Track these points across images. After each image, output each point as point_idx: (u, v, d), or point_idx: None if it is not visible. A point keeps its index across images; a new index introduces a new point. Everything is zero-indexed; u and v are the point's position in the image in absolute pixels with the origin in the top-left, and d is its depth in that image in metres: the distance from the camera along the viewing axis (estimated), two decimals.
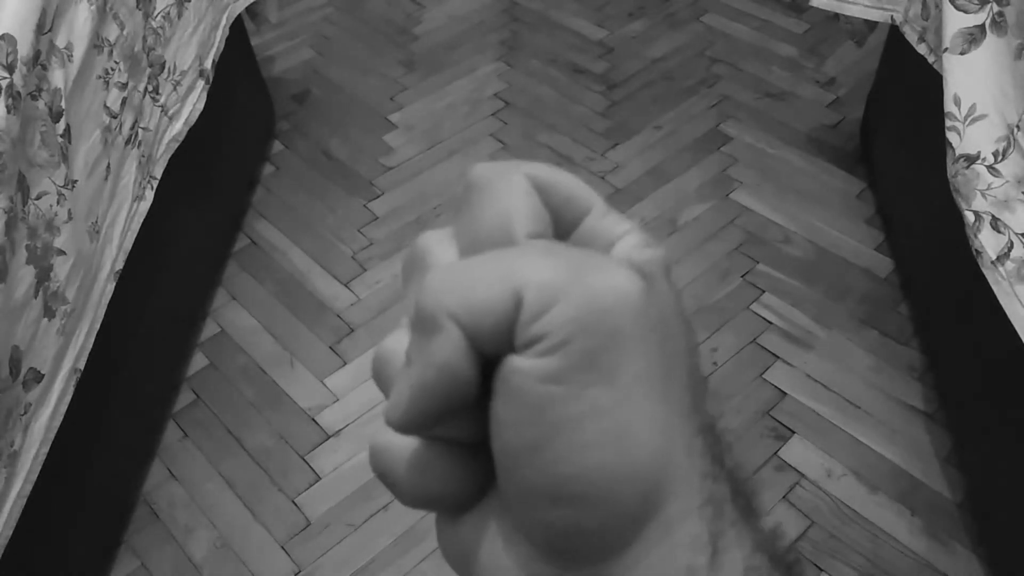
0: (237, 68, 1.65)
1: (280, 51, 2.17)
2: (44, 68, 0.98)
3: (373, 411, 1.40)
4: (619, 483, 0.18)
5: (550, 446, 0.18)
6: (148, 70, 1.24)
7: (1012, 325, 1.01)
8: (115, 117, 1.14)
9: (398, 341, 0.21)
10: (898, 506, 1.24)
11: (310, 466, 1.34)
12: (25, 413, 0.92)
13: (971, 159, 1.10)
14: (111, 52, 1.13)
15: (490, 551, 0.20)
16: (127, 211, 1.17)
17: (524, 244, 0.20)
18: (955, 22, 1.14)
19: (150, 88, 1.24)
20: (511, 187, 0.20)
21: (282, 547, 1.25)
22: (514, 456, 0.18)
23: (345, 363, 1.48)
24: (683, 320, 0.20)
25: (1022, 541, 1.09)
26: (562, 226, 0.21)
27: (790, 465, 1.30)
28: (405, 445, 0.21)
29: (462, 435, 0.20)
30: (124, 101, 1.16)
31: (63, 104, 1.00)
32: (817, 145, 1.83)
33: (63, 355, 1.00)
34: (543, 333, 0.18)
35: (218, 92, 1.46)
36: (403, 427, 0.20)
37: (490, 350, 0.18)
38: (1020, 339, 1.00)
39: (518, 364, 0.18)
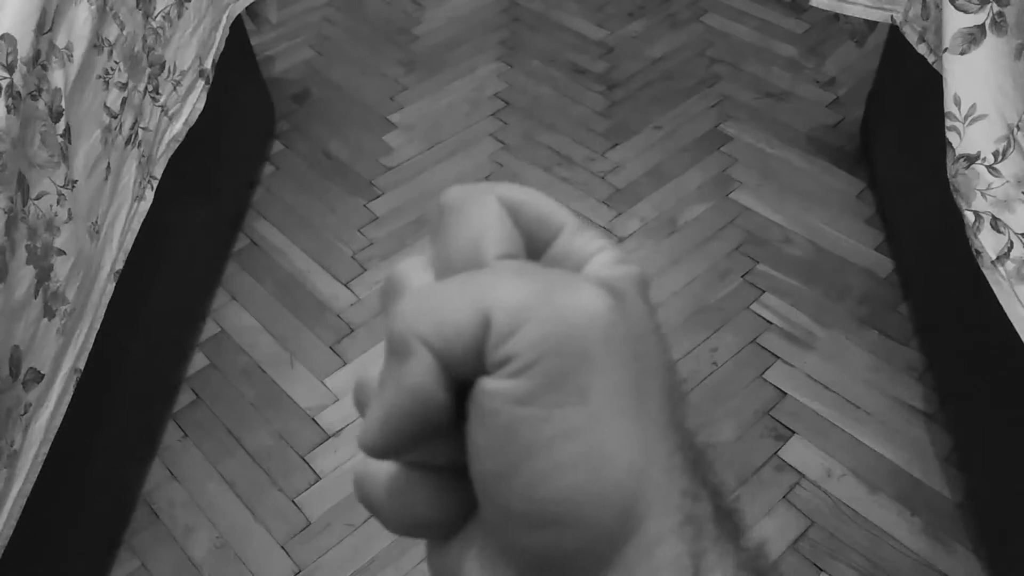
0: (237, 68, 1.65)
1: (280, 51, 2.17)
2: (44, 68, 0.98)
3: None
4: (594, 504, 0.18)
5: (524, 469, 0.18)
6: (148, 70, 1.24)
7: (1012, 325, 1.01)
8: (115, 117, 1.14)
9: (378, 369, 0.21)
10: (898, 506, 1.24)
11: (310, 466, 1.34)
12: (25, 413, 0.92)
13: (971, 159, 1.10)
14: (111, 52, 1.13)
15: (474, 575, 0.20)
16: (127, 211, 1.17)
17: (494, 266, 0.20)
18: (955, 22, 1.14)
19: (150, 88, 1.25)
20: (482, 209, 0.21)
21: (282, 547, 1.25)
22: (490, 480, 0.18)
23: (345, 363, 1.48)
24: (658, 336, 0.20)
25: (1022, 541, 1.09)
26: (536, 246, 0.21)
27: (790, 465, 1.30)
28: (386, 472, 0.21)
29: (442, 460, 0.20)
30: (124, 101, 1.16)
31: (63, 104, 1.00)
32: (817, 145, 1.82)
33: (63, 355, 1.00)
34: (511, 354, 0.18)
35: (218, 92, 1.46)
36: (376, 452, 0.20)
37: (462, 373, 0.18)
38: (1020, 339, 1.00)
39: (488, 386, 0.18)
